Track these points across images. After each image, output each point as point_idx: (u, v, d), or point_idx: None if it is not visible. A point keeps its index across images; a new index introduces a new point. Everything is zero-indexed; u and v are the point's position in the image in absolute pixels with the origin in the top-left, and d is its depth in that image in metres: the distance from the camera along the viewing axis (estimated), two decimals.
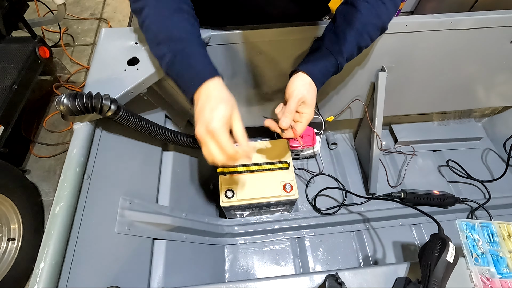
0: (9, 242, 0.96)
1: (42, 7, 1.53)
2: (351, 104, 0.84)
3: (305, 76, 0.55)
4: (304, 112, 0.55)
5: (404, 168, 0.93)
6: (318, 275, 0.45)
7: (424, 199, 0.82)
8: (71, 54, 1.66)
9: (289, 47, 0.67)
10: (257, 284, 0.45)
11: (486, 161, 0.96)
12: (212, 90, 0.47)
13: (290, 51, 0.67)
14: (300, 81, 0.55)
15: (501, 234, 0.47)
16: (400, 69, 0.75)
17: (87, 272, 0.44)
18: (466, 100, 0.88)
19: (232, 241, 0.80)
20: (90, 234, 0.46)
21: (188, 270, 0.66)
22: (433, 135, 0.97)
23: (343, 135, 1.02)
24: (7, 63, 1.13)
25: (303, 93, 0.54)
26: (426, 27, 0.66)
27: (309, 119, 0.56)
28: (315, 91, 0.56)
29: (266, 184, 0.68)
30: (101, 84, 0.53)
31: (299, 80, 0.55)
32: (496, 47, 0.73)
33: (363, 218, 0.83)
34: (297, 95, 0.54)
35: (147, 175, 0.65)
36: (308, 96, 0.54)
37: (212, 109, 0.45)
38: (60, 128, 1.40)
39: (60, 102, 0.44)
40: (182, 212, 0.68)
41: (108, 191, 0.53)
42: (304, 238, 0.82)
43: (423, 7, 1.69)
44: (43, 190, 1.22)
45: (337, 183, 0.90)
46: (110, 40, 0.60)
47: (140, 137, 0.64)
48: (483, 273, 0.43)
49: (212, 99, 0.46)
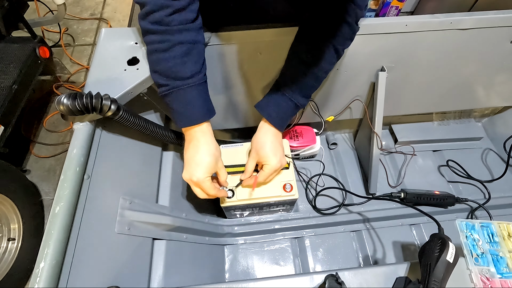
0: (9, 242, 0.96)
1: (42, 7, 1.53)
2: (351, 104, 0.84)
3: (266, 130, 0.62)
4: (264, 169, 0.62)
5: (404, 168, 0.93)
6: (318, 275, 0.45)
7: (424, 199, 0.82)
8: (71, 54, 1.66)
9: (289, 47, 0.66)
10: (257, 284, 0.45)
11: (486, 161, 0.96)
12: (200, 140, 0.54)
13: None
14: (261, 138, 0.62)
15: (501, 234, 0.47)
16: (400, 69, 0.75)
17: (87, 272, 0.44)
18: (466, 100, 0.88)
19: (232, 241, 0.80)
20: (90, 234, 0.46)
21: (188, 270, 0.66)
22: (433, 135, 0.97)
23: (343, 135, 1.02)
24: (7, 63, 1.13)
25: (260, 154, 0.61)
26: (426, 27, 0.66)
27: (270, 172, 0.61)
28: (277, 143, 0.62)
29: (266, 184, 0.68)
30: (101, 84, 0.53)
31: (260, 137, 0.62)
32: (496, 47, 0.73)
33: (363, 218, 0.83)
34: (254, 157, 0.63)
35: (147, 175, 0.65)
36: (265, 154, 0.60)
37: (197, 163, 0.53)
38: (60, 128, 1.40)
39: (60, 102, 0.45)
40: (182, 212, 0.68)
41: (108, 191, 0.53)
42: (304, 238, 0.82)
43: (423, 7, 1.69)
44: (43, 190, 1.22)
45: (337, 183, 0.90)
46: (110, 40, 0.60)
47: (140, 137, 0.64)
48: (483, 273, 0.43)
49: (200, 152, 0.54)
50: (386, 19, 0.66)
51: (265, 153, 0.61)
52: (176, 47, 0.49)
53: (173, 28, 0.48)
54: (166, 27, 0.47)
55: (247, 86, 0.76)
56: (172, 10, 0.47)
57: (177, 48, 0.49)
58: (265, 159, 0.61)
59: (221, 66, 0.71)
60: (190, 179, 0.54)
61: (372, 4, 1.64)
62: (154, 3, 0.46)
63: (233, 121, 0.87)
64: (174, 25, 0.48)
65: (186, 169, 0.54)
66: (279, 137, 0.63)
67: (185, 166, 0.55)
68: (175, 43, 0.49)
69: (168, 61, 0.49)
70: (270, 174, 0.62)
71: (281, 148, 0.63)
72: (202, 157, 0.54)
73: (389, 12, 1.64)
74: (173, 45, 0.49)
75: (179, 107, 0.52)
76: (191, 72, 0.51)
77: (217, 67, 0.70)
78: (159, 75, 0.51)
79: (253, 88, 0.77)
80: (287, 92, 0.60)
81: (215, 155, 0.56)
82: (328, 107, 0.85)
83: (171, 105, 0.53)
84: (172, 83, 0.50)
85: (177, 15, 0.47)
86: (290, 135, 0.86)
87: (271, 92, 0.62)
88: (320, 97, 0.81)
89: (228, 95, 0.78)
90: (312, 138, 0.86)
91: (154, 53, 0.50)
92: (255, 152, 0.62)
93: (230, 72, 0.72)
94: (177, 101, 0.52)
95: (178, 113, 0.53)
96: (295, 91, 0.59)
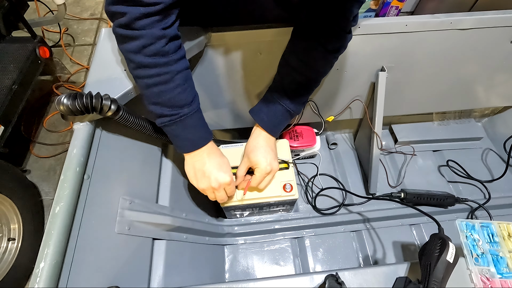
0: (9, 242, 0.96)
1: (42, 7, 1.53)
2: (351, 104, 0.84)
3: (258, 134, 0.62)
4: (256, 173, 0.62)
5: (404, 168, 0.93)
6: (318, 275, 0.45)
7: (424, 199, 0.82)
8: (71, 54, 1.66)
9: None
10: (257, 284, 0.45)
11: (486, 161, 0.96)
12: (211, 149, 0.56)
13: None
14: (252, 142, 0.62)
15: (501, 234, 0.47)
16: (400, 69, 0.75)
17: (87, 272, 0.44)
18: (466, 100, 0.88)
19: (232, 241, 0.80)
20: (90, 234, 0.46)
21: (188, 270, 0.66)
22: (433, 135, 0.97)
23: (343, 135, 1.02)
24: (7, 63, 1.13)
25: (250, 159, 0.61)
26: (426, 27, 0.66)
27: (261, 175, 0.61)
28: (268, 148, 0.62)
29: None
30: (101, 84, 0.53)
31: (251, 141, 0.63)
32: (496, 47, 0.73)
33: (363, 218, 0.83)
34: (245, 162, 0.63)
35: (147, 175, 0.65)
36: (255, 158, 0.61)
37: (220, 167, 0.56)
38: (60, 128, 1.40)
39: (60, 102, 0.45)
40: (182, 212, 0.68)
41: (108, 191, 0.53)
42: (304, 238, 0.82)
43: (423, 7, 1.69)
44: (43, 190, 1.22)
45: (337, 183, 0.90)
46: (110, 40, 0.60)
47: (140, 137, 0.64)
48: (483, 273, 0.43)
49: (217, 157, 0.57)
50: (386, 19, 0.66)
51: (255, 157, 0.61)
52: (177, 76, 0.48)
53: (173, 58, 0.47)
54: (167, 59, 0.46)
55: (247, 86, 0.76)
56: (167, 39, 0.45)
57: (178, 77, 0.48)
58: (255, 163, 0.61)
59: (221, 66, 0.71)
60: (218, 184, 0.56)
61: (372, 4, 1.64)
62: (150, 35, 0.43)
63: (233, 121, 0.87)
64: (171, 55, 0.46)
65: (208, 178, 0.56)
66: (271, 142, 0.63)
67: (203, 177, 0.56)
68: (175, 72, 0.47)
69: (172, 91, 0.48)
70: (261, 178, 0.62)
71: (273, 153, 0.63)
72: (222, 160, 0.57)
73: (389, 12, 1.64)
74: (174, 74, 0.47)
75: (187, 133, 0.52)
76: (192, 96, 0.51)
77: (217, 67, 0.70)
78: (162, 106, 0.49)
79: (253, 88, 0.77)
80: (279, 98, 0.60)
81: (226, 163, 0.59)
82: (328, 107, 0.85)
83: (176, 132, 0.52)
84: (179, 112, 0.50)
85: (171, 43, 0.46)
86: (290, 135, 0.86)
87: (264, 98, 0.63)
88: (320, 97, 0.81)
89: (228, 95, 0.78)
90: (312, 138, 0.86)
91: (154, 87, 0.47)
92: (246, 156, 0.63)
93: (230, 72, 0.72)
94: (185, 128, 0.52)
95: (185, 139, 0.53)
96: (287, 97, 0.60)
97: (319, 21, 0.54)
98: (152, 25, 0.43)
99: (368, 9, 1.66)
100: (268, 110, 0.61)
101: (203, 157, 0.55)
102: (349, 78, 0.77)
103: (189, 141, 0.54)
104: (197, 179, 0.57)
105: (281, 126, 0.64)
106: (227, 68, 0.71)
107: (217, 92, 0.77)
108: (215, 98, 0.79)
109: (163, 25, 0.44)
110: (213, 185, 0.56)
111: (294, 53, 0.58)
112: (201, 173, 0.56)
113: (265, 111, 0.62)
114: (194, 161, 0.56)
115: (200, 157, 0.55)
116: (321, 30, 0.54)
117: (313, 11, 0.54)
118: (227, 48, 0.67)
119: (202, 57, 0.68)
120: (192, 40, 0.61)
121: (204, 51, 0.66)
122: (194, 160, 0.56)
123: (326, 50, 0.56)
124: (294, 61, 0.58)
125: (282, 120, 0.62)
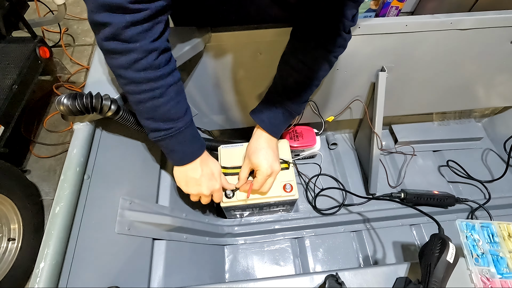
0: (9, 242, 0.96)
1: (42, 7, 1.53)
2: (351, 104, 0.84)
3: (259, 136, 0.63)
4: (257, 175, 0.62)
5: (404, 168, 0.93)
6: (318, 275, 0.45)
7: (424, 199, 0.82)
8: (71, 54, 1.66)
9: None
10: (257, 284, 0.45)
11: (486, 161, 0.96)
12: (203, 157, 0.57)
13: None
14: (253, 144, 0.63)
15: (501, 234, 0.47)
16: (400, 69, 0.75)
17: (87, 272, 0.44)
18: (466, 100, 0.88)
19: (232, 241, 0.80)
20: (90, 234, 0.46)
21: (188, 270, 0.66)
22: (433, 135, 0.97)
23: (343, 135, 1.02)
24: (7, 63, 1.13)
25: (252, 161, 0.62)
26: (426, 27, 0.66)
27: (263, 178, 0.61)
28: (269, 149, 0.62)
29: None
30: (101, 84, 0.53)
31: (252, 143, 0.63)
32: (496, 47, 0.73)
33: (363, 218, 0.83)
34: (247, 164, 0.63)
35: (147, 175, 0.65)
36: (256, 160, 0.61)
37: (212, 174, 0.59)
38: (60, 128, 1.40)
39: (60, 102, 0.45)
40: (182, 212, 0.68)
41: (108, 191, 0.53)
42: (304, 238, 0.82)
43: (423, 7, 1.69)
44: (43, 190, 1.22)
45: (337, 183, 0.90)
46: None
47: (140, 137, 0.64)
48: (483, 273, 0.43)
49: (209, 164, 0.58)
50: (386, 19, 0.66)
51: (257, 159, 0.61)
52: (169, 89, 0.46)
53: (165, 71, 0.45)
54: (159, 72, 0.44)
55: (247, 86, 0.76)
56: (158, 52, 0.43)
57: (170, 90, 0.47)
58: (256, 165, 0.61)
59: (221, 66, 0.71)
60: (210, 191, 0.59)
61: (372, 4, 1.64)
62: (140, 49, 0.41)
63: (233, 121, 0.87)
64: (163, 68, 0.45)
65: (200, 186, 0.57)
66: (272, 143, 0.63)
67: (194, 184, 0.57)
68: (168, 86, 0.46)
69: (165, 105, 0.47)
70: (263, 180, 0.62)
71: (274, 154, 0.63)
72: (214, 168, 0.59)
73: (389, 12, 1.64)
74: (167, 88, 0.46)
75: (183, 146, 0.53)
76: (185, 108, 0.51)
77: (217, 67, 0.71)
78: (156, 121, 0.48)
79: (253, 88, 0.77)
80: (279, 99, 0.60)
81: (218, 171, 0.61)
82: (328, 107, 0.85)
83: (172, 147, 0.52)
84: (173, 126, 0.49)
85: (162, 56, 0.44)
86: (290, 135, 0.86)
87: (264, 99, 0.63)
88: (320, 97, 0.81)
89: (228, 95, 0.78)
90: (312, 138, 0.86)
91: (146, 102, 0.46)
92: (248, 158, 0.63)
93: (230, 72, 0.72)
94: (180, 142, 0.52)
95: (181, 152, 0.54)
96: (287, 98, 0.60)
97: (319, 21, 0.54)
98: (141, 36, 0.40)
99: (368, 9, 1.66)
100: (268, 111, 0.61)
101: (196, 166, 0.56)
102: (349, 78, 0.77)
103: (185, 154, 0.54)
104: (187, 186, 0.58)
105: (282, 127, 0.64)
106: (227, 68, 0.71)
107: (217, 92, 0.77)
108: (215, 98, 0.79)
109: (152, 36, 0.42)
110: (205, 193, 0.58)
111: (294, 53, 0.58)
112: (194, 181, 0.57)
113: (265, 112, 0.62)
114: (187, 169, 0.56)
115: (194, 166, 0.56)
116: (320, 30, 0.54)
117: (312, 11, 0.54)
118: (227, 48, 0.67)
119: (202, 57, 0.68)
120: (192, 40, 0.61)
121: (203, 51, 0.66)
122: (187, 168, 0.56)
123: (326, 50, 0.56)
124: (294, 61, 0.58)
125: (283, 121, 0.62)
